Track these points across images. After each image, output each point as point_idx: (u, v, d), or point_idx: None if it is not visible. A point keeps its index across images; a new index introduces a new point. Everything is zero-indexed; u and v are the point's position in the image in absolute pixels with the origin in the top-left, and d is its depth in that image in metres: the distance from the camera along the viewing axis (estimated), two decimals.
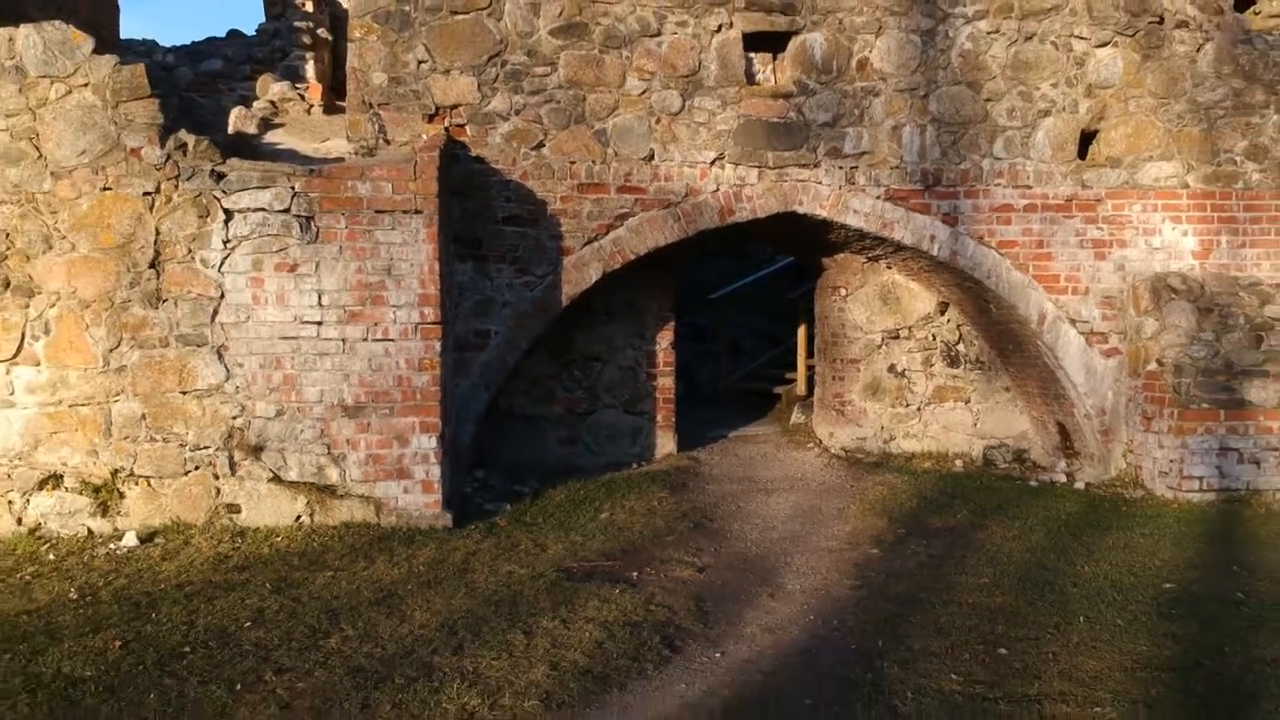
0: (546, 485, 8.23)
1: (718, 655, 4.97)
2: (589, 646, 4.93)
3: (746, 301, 13.28)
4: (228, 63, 13.05)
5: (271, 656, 4.84)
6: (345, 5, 14.20)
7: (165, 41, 14.32)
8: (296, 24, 13.18)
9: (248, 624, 5.25)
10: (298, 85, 11.18)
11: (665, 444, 9.45)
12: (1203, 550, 6.56)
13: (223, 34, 14.09)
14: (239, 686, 4.51)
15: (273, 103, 10.59)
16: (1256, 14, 9.93)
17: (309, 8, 13.47)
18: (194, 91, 11.83)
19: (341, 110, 11.11)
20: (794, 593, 5.89)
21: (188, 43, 14.24)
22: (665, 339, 9.48)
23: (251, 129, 9.59)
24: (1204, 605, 5.49)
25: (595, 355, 9.36)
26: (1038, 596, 5.62)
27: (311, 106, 10.80)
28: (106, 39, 12.16)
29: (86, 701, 4.37)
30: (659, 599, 5.66)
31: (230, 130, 9.39)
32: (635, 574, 6.11)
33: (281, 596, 5.66)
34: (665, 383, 9.47)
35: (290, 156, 8.31)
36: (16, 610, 5.47)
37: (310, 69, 13.09)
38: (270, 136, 9.61)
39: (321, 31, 13.37)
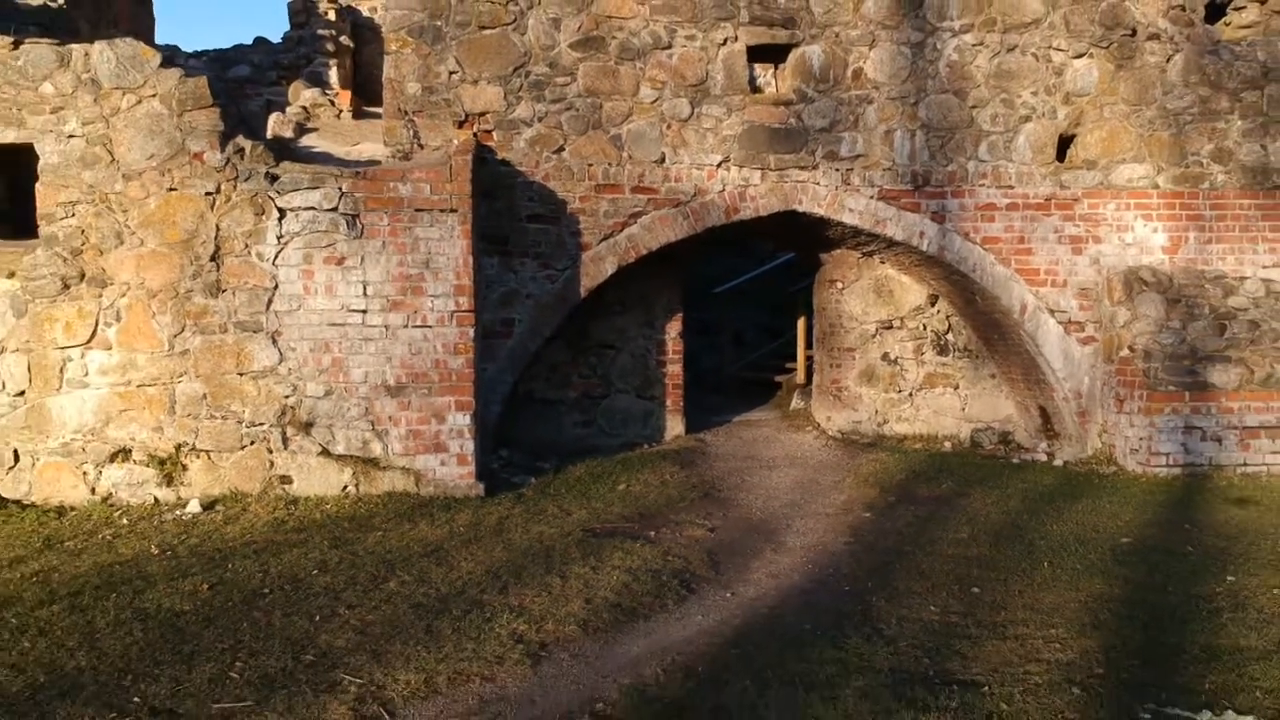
0: (566, 462, 9.02)
1: (728, 595, 5.78)
2: (617, 587, 5.73)
3: (748, 296, 14.09)
4: (255, 69, 13.85)
5: (340, 596, 5.64)
6: (366, 13, 15.06)
7: (186, 47, 15.11)
8: (320, 32, 13.96)
9: (314, 571, 6.05)
10: (327, 92, 11.96)
11: (674, 426, 10.25)
12: (1161, 514, 7.37)
13: (249, 41, 14.87)
14: (317, 618, 5.31)
15: (305, 108, 11.39)
16: (1227, 25, 10.71)
17: (331, 16, 14.26)
18: None
19: (367, 115, 11.95)
20: (794, 548, 6.70)
21: (206, 48, 15.01)
22: (674, 329, 10.28)
23: (288, 133, 10.40)
24: (1154, 555, 6.31)
25: (609, 344, 10.15)
26: (1009, 548, 6.44)
27: (341, 111, 11.61)
28: (141, 40, 12.95)
29: (190, 629, 5.16)
30: (675, 552, 6.46)
31: (269, 134, 10.19)
32: (653, 533, 6.92)
33: (340, 551, 6.46)
34: (674, 370, 10.27)
35: (325, 159, 9.11)
36: (109, 562, 6.27)
37: (334, 74, 13.89)
38: (306, 140, 10.42)
39: (344, 39, 14.17)
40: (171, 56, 14.14)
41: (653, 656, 4.83)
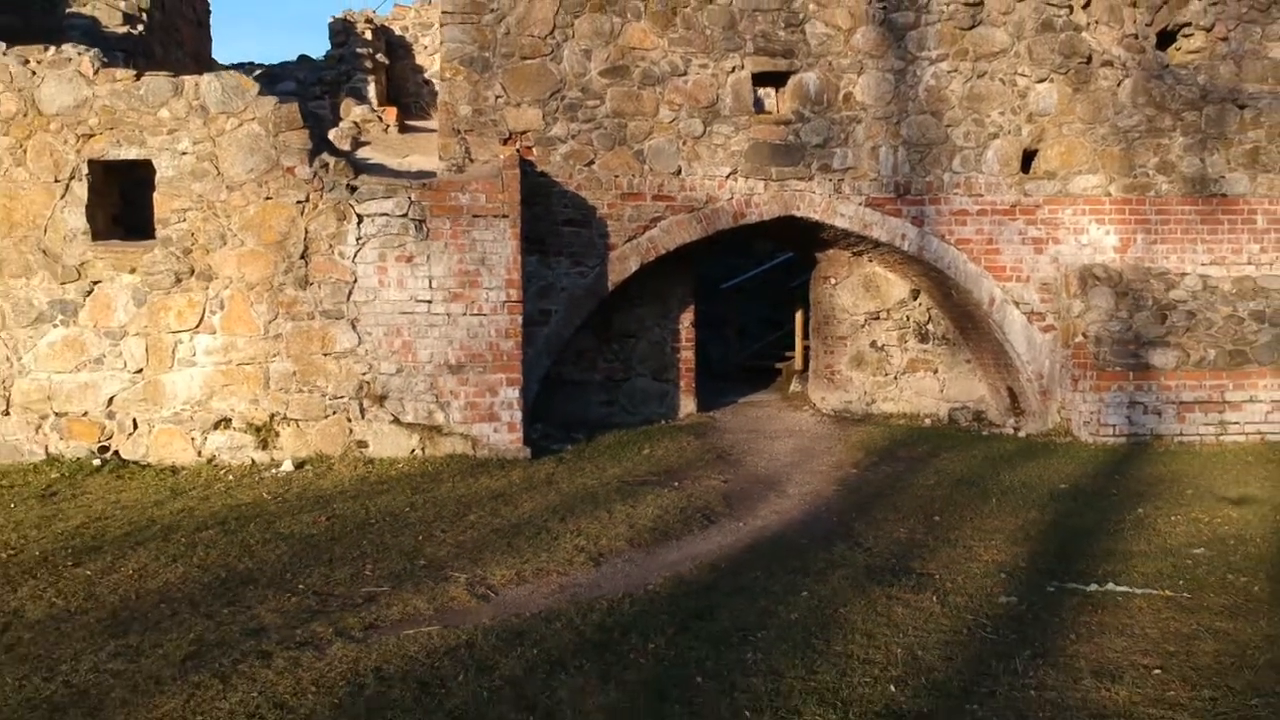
0: (594, 434, 10.62)
1: (741, 524, 7.39)
2: (652, 518, 7.34)
3: (750, 293, 15.71)
4: (300, 84, 15.46)
5: (433, 525, 7.24)
6: (398, 32, 16.68)
7: (228, 61, 16.71)
8: (359, 50, 15.57)
9: (407, 509, 7.65)
10: (375, 109, 13.54)
11: (687, 405, 11.86)
12: (1098, 469, 8.99)
13: (290, 55, 16.44)
14: (420, 538, 6.91)
15: (356, 123, 13.00)
16: (1178, 49, 12.36)
17: (368, 35, 15.87)
18: None
19: (410, 129, 13.55)
20: (793, 495, 8.32)
21: (243, 60, 16.63)
22: (686, 320, 11.88)
23: (345, 147, 12.00)
24: (1084, 496, 7.94)
25: (630, 333, 11.75)
26: (967, 491, 8.06)
27: (388, 126, 13.20)
28: (203, 62, 14.58)
29: (322, 545, 6.76)
30: (697, 496, 8.08)
31: None
32: (677, 484, 8.53)
33: (421, 495, 8.06)
34: (687, 355, 11.87)
35: (381, 170, 10.71)
36: (235, 503, 7.86)
37: (371, 89, 15.52)
38: (361, 153, 12.03)
39: (380, 56, 15.79)
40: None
41: (685, 560, 6.44)
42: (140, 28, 12.55)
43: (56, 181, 9.09)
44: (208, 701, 4.32)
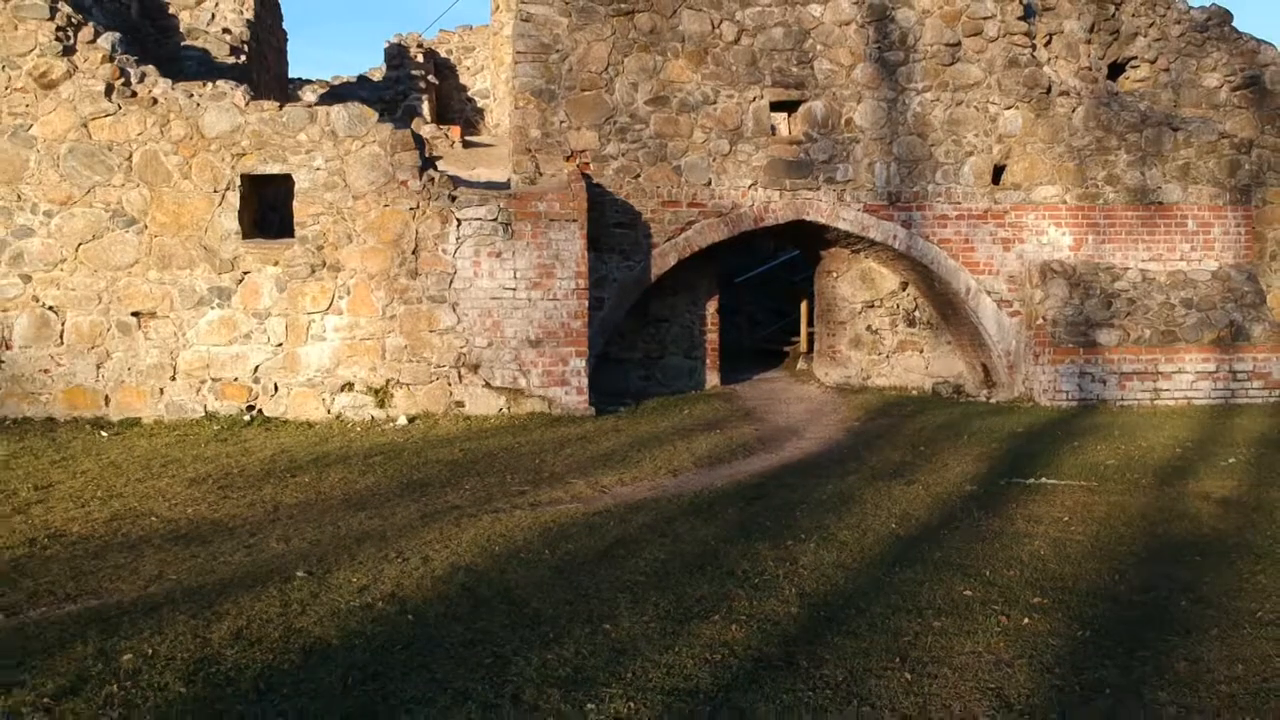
0: (639, 401, 13.21)
1: (773, 455, 10.01)
2: (707, 449, 9.97)
3: (759, 287, 18.37)
4: (361, 103, 17.93)
5: (542, 455, 9.81)
6: (443, 54, 19.23)
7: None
8: (413, 72, 18.13)
9: (515, 446, 10.23)
10: (441, 127, 16.11)
11: (712, 379, 14.48)
12: (1051, 422, 11.68)
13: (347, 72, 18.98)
14: (537, 462, 9.49)
15: (425, 140, 15.53)
16: (1127, 78, 15.14)
17: (419, 58, 18.43)
18: None
19: (470, 145, 16.12)
20: (811, 437, 10.96)
21: (297, 76, 19.17)
22: (711, 307, 14.51)
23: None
24: (1035, 437, 10.62)
25: (664, 317, 14.37)
26: (945, 433, 10.74)
27: (453, 142, 15.77)
28: (283, 83, 17.13)
29: (462, 466, 9.32)
30: (736, 438, 10.71)
31: None
32: (719, 430, 11.16)
33: (521, 439, 10.64)
34: (712, 337, 14.51)
35: (457, 182, 13.26)
36: (379, 444, 10.42)
37: (425, 107, 18.09)
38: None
39: (431, 78, 18.35)
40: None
41: (738, 473, 9.06)
42: (243, 58, 15.08)
43: (215, 191, 11.63)
44: (453, 536, 6.88)
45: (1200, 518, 7.34)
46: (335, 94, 18.22)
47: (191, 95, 11.63)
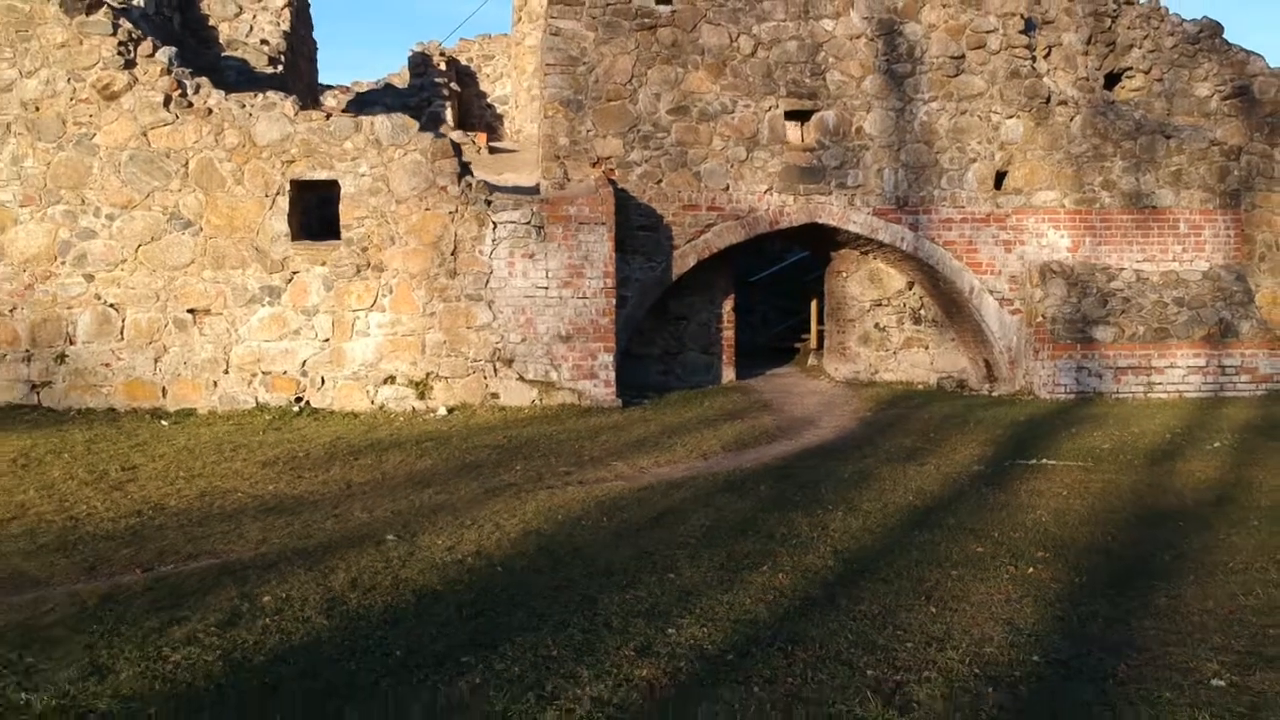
0: (660, 394, 14.10)
1: (793, 442, 10.91)
2: (733, 436, 10.87)
3: (770, 287, 19.27)
4: (386, 108, 18.84)
5: (580, 441, 10.69)
6: (464, 62, 20.12)
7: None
8: (436, 80, 19.01)
9: (553, 434, 11.10)
10: (467, 134, 17.00)
11: (728, 374, 15.38)
12: (1050, 413, 12.60)
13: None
14: (575, 448, 10.37)
15: None
16: (1123, 88, 16.06)
17: (442, 67, 19.31)
18: None
19: (496, 151, 17.00)
20: (826, 426, 11.86)
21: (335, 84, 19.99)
22: (728, 305, 15.41)
23: None
24: (1035, 425, 11.53)
25: (683, 315, 15.26)
26: (953, 422, 11.64)
27: (480, 149, 16.65)
28: (315, 90, 17.99)
29: (508, 450, 10.20)
30: (758, 426, 11.61)
31: None
32: (740, 420, 12.05)
33: (556, 427, 11.52)
34: (728, 334, 15.40)
35: (489, 187, 14.12)
36: (425, 431, 11.28)
37: (448, 113, 18.97)
38: None
39: (453, 85, 19.22)
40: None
41: (763, 456, 9.96)
42: (280, 67, 15.95)
43: (266, 196, 12.50)
44: (516, 508, 7.76)
45: (1185, 492, 8.25)
46: (361, 101, 19.11)
47: (244, 106, 12.50)
